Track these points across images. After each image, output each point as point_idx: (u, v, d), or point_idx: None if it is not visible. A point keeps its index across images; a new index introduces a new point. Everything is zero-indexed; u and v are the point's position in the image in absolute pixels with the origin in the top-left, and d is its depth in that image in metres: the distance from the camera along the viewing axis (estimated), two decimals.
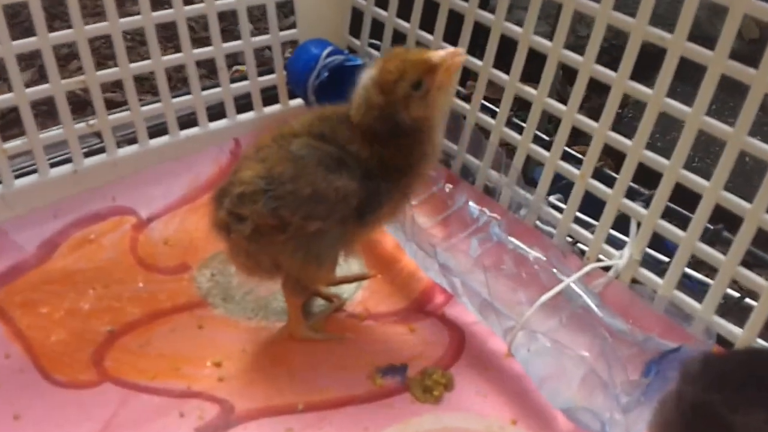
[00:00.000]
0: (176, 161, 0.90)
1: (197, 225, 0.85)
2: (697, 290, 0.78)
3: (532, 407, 0.68)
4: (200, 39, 0.97)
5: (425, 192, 0.86)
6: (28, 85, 0.80)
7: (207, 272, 0.81)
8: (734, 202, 0.65)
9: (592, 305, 0.70)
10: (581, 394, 0.65)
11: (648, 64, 0.72)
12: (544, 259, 0.74)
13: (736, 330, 0.66)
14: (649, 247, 0.73)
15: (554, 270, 0.74)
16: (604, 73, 0.72)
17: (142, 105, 0.88)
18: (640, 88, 0.70)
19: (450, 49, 0.64)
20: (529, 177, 0.84)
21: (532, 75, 0.80)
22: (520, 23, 0.78)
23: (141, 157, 0.88)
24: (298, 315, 0.72)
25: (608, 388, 0.63)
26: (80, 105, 0.85)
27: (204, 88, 0.91)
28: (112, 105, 0.87)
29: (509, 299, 0.73)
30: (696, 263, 0.72)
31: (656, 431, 0.50)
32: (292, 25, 0.98)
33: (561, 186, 0.82)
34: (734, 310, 0.76)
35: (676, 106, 0.67)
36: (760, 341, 0.66)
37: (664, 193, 0.69)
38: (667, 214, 0.71)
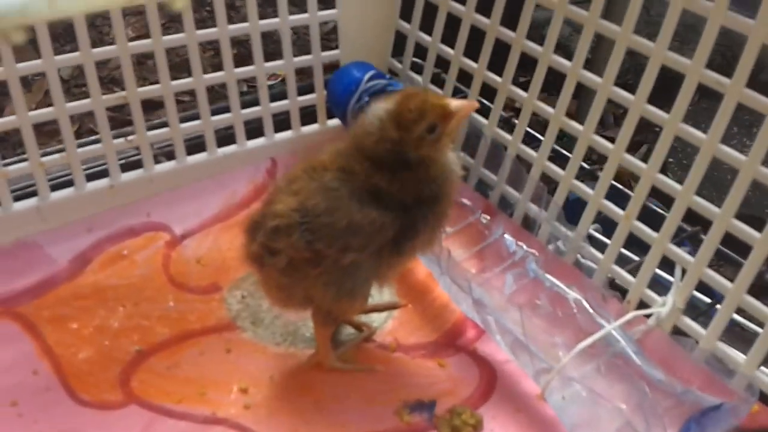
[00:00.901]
0: (212, 179, 0.90)
1: (230, 244, 0.85)
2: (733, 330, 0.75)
3: None
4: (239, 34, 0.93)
5: (461, 222, 0.85)
6: (68, 81, 0.79)
7: (238, 294, 0.80)
8: None
9: (631, 353, 0.67)
10: None
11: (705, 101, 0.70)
12: (584, 301, 0.71)
13: None
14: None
15: (592, 311, 0.72)
16: (654, 113, 0.70)
17: (183, 115, 0.88)
18: (692, 132, 0.67)
19: (466, 102, 0.64)
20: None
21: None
22: (563, 38, 0.76)
23: (177, 174, 0.88)
24: (326, 345, 0.71)
25: None
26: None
27: (243, 103, 0.90)
28: (154, 105, 0.86)
29: (543, 340, 0.71)
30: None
31: None
32: (333, 30, 0.97)
33: (600, 218, 0.80)
34: None
35: (730, 153, 0.65)
36: None
37: (713, 241, 0.66)
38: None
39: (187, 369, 0.71)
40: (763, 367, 0.66)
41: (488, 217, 0.84)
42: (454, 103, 0.63)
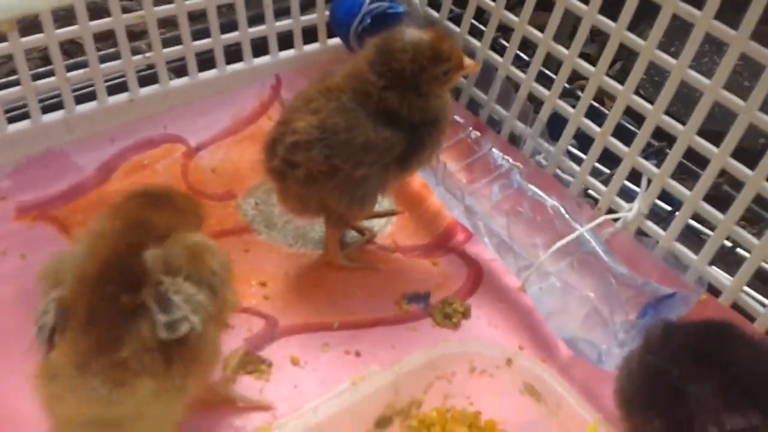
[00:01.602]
0: (222, 95, 0.97)
1: (241, 156, 0.92)
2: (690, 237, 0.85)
3: (538, 337, 0.77)
4: None
5: (453, 137, 0.93)
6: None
7: (251, 201, 0.88)
8: (738, 168, 0.72)
9: (600, 251, 0.77)
10: (583, 328, 0.74)
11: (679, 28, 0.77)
12: (561, 207, 0.81)
13: (725, 280, 0.75)
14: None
15: (567, 217, 0.82)
16: (633, 40, 0.77)
17: (194, 33, 0.93)
18: (665, 58, 0.75)
19: (473, 62, 0.75)
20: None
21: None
22: None
23: (190, 89, 0.95)
24: (336, 246, 0.81)
25: (608, 325, 0.72)
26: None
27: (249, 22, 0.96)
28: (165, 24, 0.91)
29: (525, 242, 0.81)
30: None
31: (622, 385, 0.59)
32: None
33: (576, 134, 0.88)
34: (726, 259, 0.84)
35: (696, 77, 0.73)
36: (747, 289, 0.75)
37: (677, 155, 0.76)
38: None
39: None
40: (713, 266, 0.77)
41: (478, 133, 0.92)
42: (467, 60, 0.74)
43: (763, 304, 0.73)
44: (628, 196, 0.83)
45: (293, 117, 0.72)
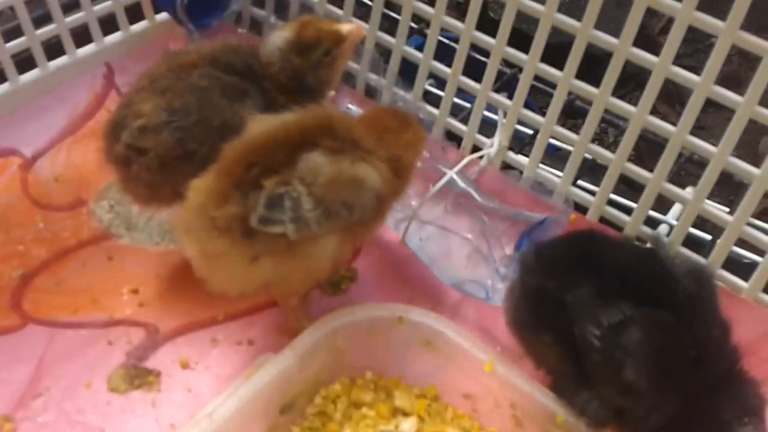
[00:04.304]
0: (50, 94, 0.88)
1: (84, 157, 0.85)
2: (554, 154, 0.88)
3: (427, 286, 0.77)
4: None
5: None
6: None
7: (104, 204, 0.82)
8: (583, 88, 0.74)
9: (471, 191, 0.78)
10: (467, 269, 0.75)
11: None
12: (427, 155, 0.81)
13: (589, 197, 0.78)
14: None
15: (435, 163, 0.82)
16: None
17: (4, 33, 0.84)
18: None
19: (355, 26, 0.71)
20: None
21: None
22: None
23: (13, 95, 0.86)
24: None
25: (489, 262, 0.73)
26: None
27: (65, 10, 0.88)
28: None
29: None
30: None
31: (510, 313, 0.61)
32: None
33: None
34: (589, 173, 0.88)
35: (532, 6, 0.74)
36: (613, 197, 0.78)
37: (525, 84, 0.77)
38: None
39: (74, 282, 0.75)
40: (578, 183, 0.80)
41: (332, 92, 0.90)
42: (346, 28, 0.69)
43: (628, 213, 0.77)
44: (490, 129, 0.84)
45: (138, 98, 0.66)
